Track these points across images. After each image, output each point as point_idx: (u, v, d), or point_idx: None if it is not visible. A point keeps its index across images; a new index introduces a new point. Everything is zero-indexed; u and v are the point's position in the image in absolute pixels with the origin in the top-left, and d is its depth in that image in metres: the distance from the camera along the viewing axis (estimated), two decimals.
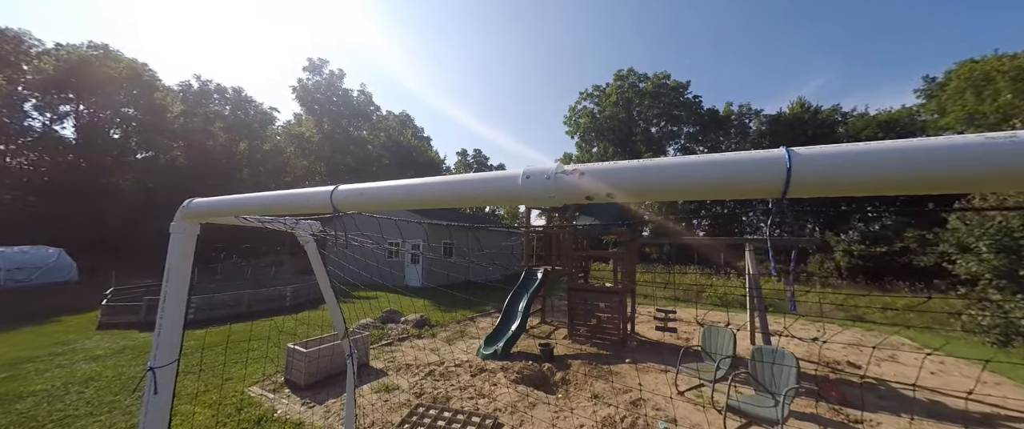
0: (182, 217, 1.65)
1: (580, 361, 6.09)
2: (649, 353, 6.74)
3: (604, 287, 7.59)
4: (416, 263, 16.30)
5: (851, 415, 4.45)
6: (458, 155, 53.26)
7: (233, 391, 4.84)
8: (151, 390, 1.56)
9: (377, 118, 35.09)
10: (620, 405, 4.50)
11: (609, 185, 0.76)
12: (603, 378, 5.45)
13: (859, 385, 5.39)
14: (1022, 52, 21.89)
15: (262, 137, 28.30)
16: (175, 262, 1.63)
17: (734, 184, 0.68)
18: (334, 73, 30.97)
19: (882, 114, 31.42)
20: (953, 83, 25.64)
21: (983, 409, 4.72)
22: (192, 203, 1.63)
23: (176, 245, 1.64)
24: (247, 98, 28.12)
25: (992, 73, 22.91)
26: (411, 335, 7.57)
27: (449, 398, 4.58)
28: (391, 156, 31.77)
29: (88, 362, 6.06)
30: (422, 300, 12.71)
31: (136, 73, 26.37)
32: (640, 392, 4.83)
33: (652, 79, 36.01)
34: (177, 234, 1.64)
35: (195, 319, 8.96)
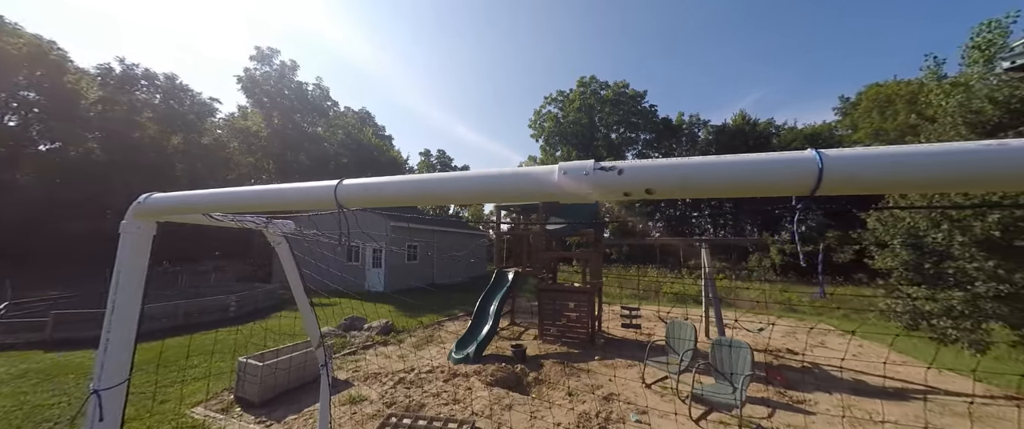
0: (136, 214, 1.44)
1: (552, 360, 6.17)
2: (616, 349, 7.00)
3: (573, 287, 7.78)
4: (378, 267, 15.61)
5: (794, 396, 4.94)
6: (421, 155, 51.99)
7: (172, 414, 4.30)
8: (95, 416, 1.34)
9: (334, 114, 33.15)
10: (593, 401, 4.62)
11: (648, 183, 0.78)
12: (575, 376, 5.57)
13: (799, 370, 6.00)
14: (915, 79, 25.79)
15: (200, 130, 25.58)
16: (126, 266, 1.41)
17: (768, 182, 0.72)
18: (286, 64, 28.82)
19: (808, 128, 35.44)
20: (863, 103, 29.67)
21: (895, 384, 5.46)
22: (150, 198, 1.43)
23: (127, 247, 1.43)
24: (182, 86, 25.29)
25: (892, 96, 26.87)
26: (376, 342, 7.23)
27: (422, 406, 4.43)
28: (350, 155, 30.16)
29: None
30: (386, 305, 12.20)
31: (40, 51, 22.69)
32: (611, 387, 5.00)
33: (612, 87, 37.72)
34: (129, 234, 1.43)
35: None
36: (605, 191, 0.82)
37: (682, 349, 5.21)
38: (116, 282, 1.40)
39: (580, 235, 7.99)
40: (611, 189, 0.81)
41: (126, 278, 1.41)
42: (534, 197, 0.90)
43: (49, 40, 23.84)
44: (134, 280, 1.43)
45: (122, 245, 1.42)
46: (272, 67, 28.48)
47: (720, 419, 4.24)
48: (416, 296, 14.37)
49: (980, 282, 3.83)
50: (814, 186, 0.69)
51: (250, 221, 1.88)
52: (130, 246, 1.43)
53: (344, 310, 11.79)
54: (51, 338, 7.47)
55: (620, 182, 0.80)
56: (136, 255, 1.44)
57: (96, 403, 1.34)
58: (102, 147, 21.66)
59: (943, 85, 23.51)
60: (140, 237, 1.45)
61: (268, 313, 10.78)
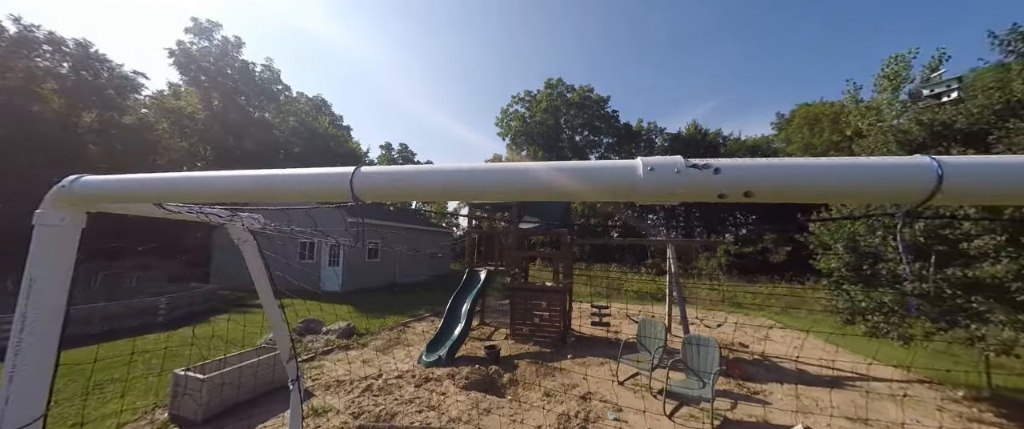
0: (58, 203, 1.11)
1: (526, 361, 6.11)
2: (587, 347, 7.11)
3: (545, 286, 7.79)
4: (335, 265, 14.63)
5: (751, 387, 5.30)
6: (382, 148, 49.76)
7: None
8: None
9: (286, 99, 30.50)
10: (571, 401, 4.61)
11: (748, 184, 0.70)
12: (550, 376, 5.56)
13: (751, 362, 6.48)
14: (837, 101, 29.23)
15: (121, 108, 22.28)
16: (43, 270, 1.09)
17: (881, 189, 0.67)
18: (229, 40, 25.97)
19: (750, 140, 38.92)
20: (795, 120, 33.16)
21: (832, 373, 6.07)
22: (80, 182, 1.11)
23: (45, 244, 1.10)
24: (98, 56, 21.82)
25: (819, 115, 30.32)
26: (337, 347, 6.71)
27: (394, 415, 4.14)
28: (303, 143, 27.92)
29: None
30: (345, 306, 11.45)
31: None
32: (586, 386, 5.04)
33: (578, 91, 38.65)
34: (47, 227, 1.10)
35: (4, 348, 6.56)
36: (696, 192, 0.72)
37: (653, 347, 5.38)
38: (28, 289, 1.06)
39: (554, 234, 8.00)
40: (703, 190, 0.72)
41: (43, 285, 1.08)
42: (612, 196, 0.78)
43: None
44: (53, 287, 1.10)
45: (37, 242, 1.09)
46: (212, 42, 25.58)
47: (690, 413, 4.43)
48: (377, 296, 13.66)
49: (908, 282, 4.37)
50: (929, 196, 0.64)
51: (214, 214, 1.57)
52: (49, 243, 1.10)
53: (298, 312, 10.87)
54: None
55: (715, 182, 0.71)
56: (57, 255, 1.11)
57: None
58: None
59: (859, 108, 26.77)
60: (63, 232, 1.12)
61: (205, 316, 9.64)
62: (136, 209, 1.34)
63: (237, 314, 10.17)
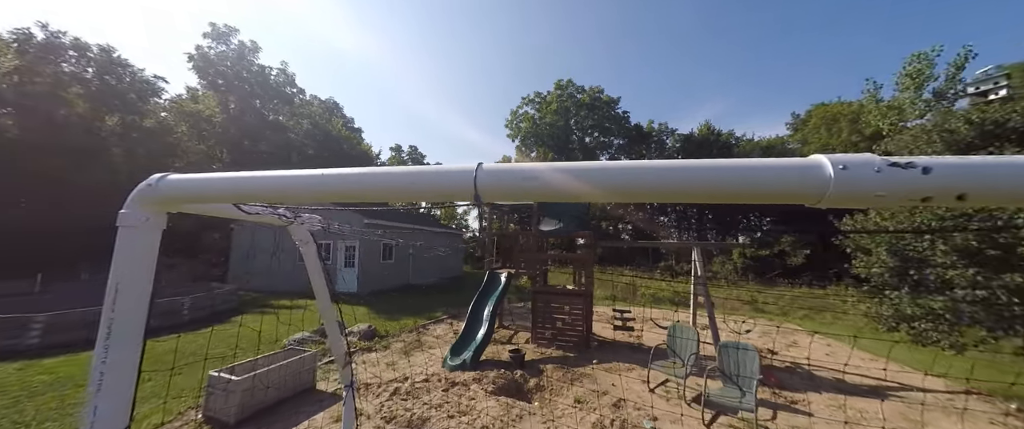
0: (143, 202, 1.05)
1: (552, 365, 6.00)
2: (611, 352, 6.96)
3: (567, 289, 7.66)
4: (351, 266, 14.70)
5: (789, 396, 5.10)
6: (392, 150, 50.13)
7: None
8: None
9: (300, 102, 30.96)
10: (603, 408, 4.49)
11: (965, 186, 0.60)
12: (578, 381, 5.43)
13: (784, 370, 6.26)
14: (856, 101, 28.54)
15: (142, 111, 22.84)
16: (129, 273, 1.03)
17: None
18: (245, 44, 26.47)
19: (763, 140, 38.23)
20: (812, 121, 32.44)
21: (870, 382, 5.83)
22: (165, 181, 1.06)
23: (130, 246, 1.04)
24: (121, 61, 22.43)
25: (837, 115, 29.61)
26: (360, 349, 6.69)
27: (425, 420, 4.07)
28: (316, 145, 28.25)
29: None
30: (362, 307, 11.45)
31: None
32: (618, 393, 4.90)
33: (588, 92, 38.46)
34: (131, 228, 1.04)
35: (43, 344, 6.71)
36: (897, 195, 0.62)
37: (685, 352, 5.22)
38: (114, 294, 1.01)
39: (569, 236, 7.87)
40: (907, 193, 0.62)
41: (129, 289, 1.02)
42: (788, 197, 0.67)
43: None
44: (137, 290, 1.05)
45: (122, 243, 1.04)
46: (229, 47, 26.09)
47: (729, 423, 4.27)
48: (392, 297, 13.68)
49: (959, 288, 4.15)
50: None
51: (281, 214, 1.52)
52: (133, 244, 1.05)
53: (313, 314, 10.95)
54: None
55: (922, 184, 0.61)
56: (141, 257, 1.06)
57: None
58: (18, 124, 18.71)
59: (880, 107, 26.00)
60: (146, 233, 1.07)
61: (227, 317, 9.73)
62: (212, 209, 1.28)
63: (257, 315, 10.26)
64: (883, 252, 4.99)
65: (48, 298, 9.81)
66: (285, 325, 8.93)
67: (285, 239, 15.64)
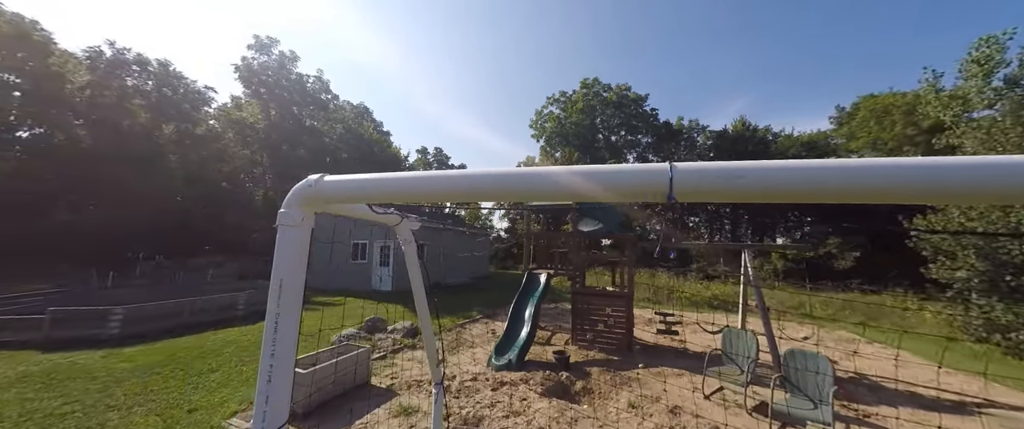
0: (302, 202, 1.10)
1: (597, 368, 5.90)
2: (655, 357, 6.76)
3: (608, 291, 7.52)
4: (386, 265, 15.13)
5: (862, 410, 4.75)
6: (418, 152, 51.26)
7: (206, 425, 3.88)
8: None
9: (334, 107, 32.34)
10: (658, 414, 4.36)
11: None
12: (626, 385, 5.31)
13: (849, 381, 5.85)
14: (911, 91, 26.39)
15: (194, 120, 24.61)
16: (288, 270, 1.08)
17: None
18: (285, 54, 27.95)
19: (804, 136, 36.06)
20: (861, 113, 30.24)
21: (950, 396, 5.34)
22: (324, 181, 1.10)
23: (289, 244, 1.09)
24: (176, 73, 24.29)
25: (889, 107, 27.44)
26: (405, 346, 6.85)
27: (480, 419, 4.10)
28: (350, 149, 29.38)
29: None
30: (397, 305, 11.74)
31: (22, 31, 21.51)
32: (671, 399, 4.75)
33: (615, 90, 37.74)
34: (290, 227, 1.09)
35: (121, 335, 7.31)
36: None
37: (743, 360, 4.99)
38: (279, 291, 1.06)
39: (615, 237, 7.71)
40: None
41: (290, 284, 1.07)
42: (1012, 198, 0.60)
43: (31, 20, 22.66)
44: (296, 287, 1.09)
45: (282, 242, 1.09)
46: (271, 57, 27.61)
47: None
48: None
49: None
50: None
51: (392, 214, 1.56)
52: (293, 243, 1.10)
53: (351, 309, 11.33)
54: (48, 337, 6.90)
55: None
56: (299, 255, 1.11)
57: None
58: (90, 134, 20.63)
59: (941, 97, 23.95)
60: (302, 231, 1.12)
61: None
62: (345, 209, 1.33)
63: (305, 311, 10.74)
64: (971, 255, 4.54)
65: (121, 292, 10.71)
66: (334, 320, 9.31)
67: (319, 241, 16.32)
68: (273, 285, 1.06)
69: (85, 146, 20.24)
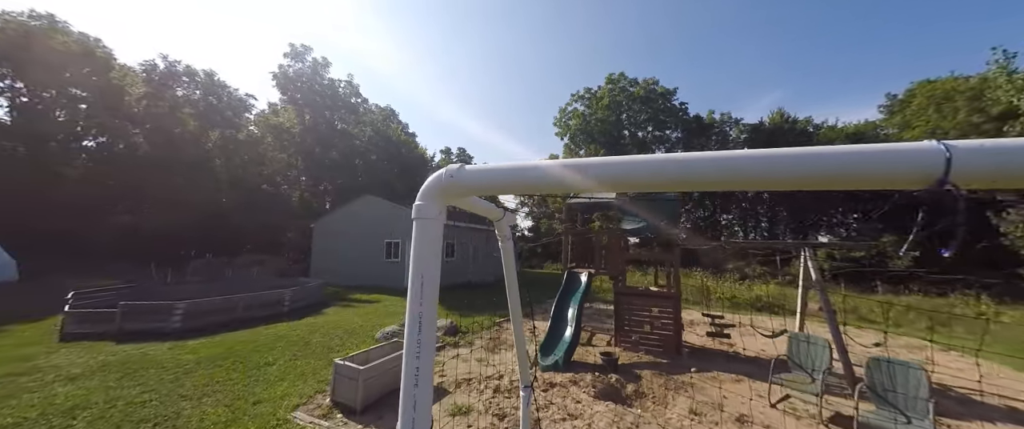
0: (438, 195, 1.03)
1: (648, 372, 5.67)
2: (706, 360, 6.44)
3: (654, 291, 7.25)
4: None
5: (953, 424, 4.30)
6: (442, 153, 52.00)
7: (272, 417, 4.01)
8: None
9: (363, 110, 33.36)
10: (725, 423, 4.10)
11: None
12: (681, 390, 5.06)
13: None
14: (976, 75, 24.06)
15: (237, 126, 26.06)
16: (427, 264, 1.01)
17: None
18: (318, 61, 29.08)
19: (849, 127, 33.67)
20: (917, 100, 27.84)
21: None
22: (462, 171, 1.02)
23: (427, 237, 1.03)
24: (220, 83, 25.81)
25: (951, 92, 25.09)
26: (447, 344, 6.88)
27: (537, 420, 4.01)
28: (378, 151, 30.21)
29: (64, 384, 4.94)
30: None
31: (87, 49, 23.52)
32: (735, 406, 4.47)
33: (642, 85, 36.73)
34: (427, 220, 1.03)
35: (182, 328, 7.77)
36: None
37: (814, 367, 4.63)
38: (420, 287, 0.99)
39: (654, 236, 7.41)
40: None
41: (429, 282, 1.01)
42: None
43: (95, 38, 24.69)
44: (434, 284, 1.03)
45: (420, 235, 1.02)
46: (305, 64, 28.78)
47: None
48: (455, 294, 14.06)
49: None
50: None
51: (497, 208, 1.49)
52: (430, 236, 1.03)
53: (388, 307, 11.57)
54: (120, 330, 7.43)
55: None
56: (435, 248, 1.04)
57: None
58: (147, 141, 22.25)
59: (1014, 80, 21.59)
60: (439, 223, 1.05)
61: (319, 309, 10.64)
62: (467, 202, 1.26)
63: (340, 308, 11.10)
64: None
65: (180, 288, 11.43)
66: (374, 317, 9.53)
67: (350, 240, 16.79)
68: (414, 283, 1.00)
69: (141, 153, 21.86)
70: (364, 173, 29.01)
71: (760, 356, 6.58)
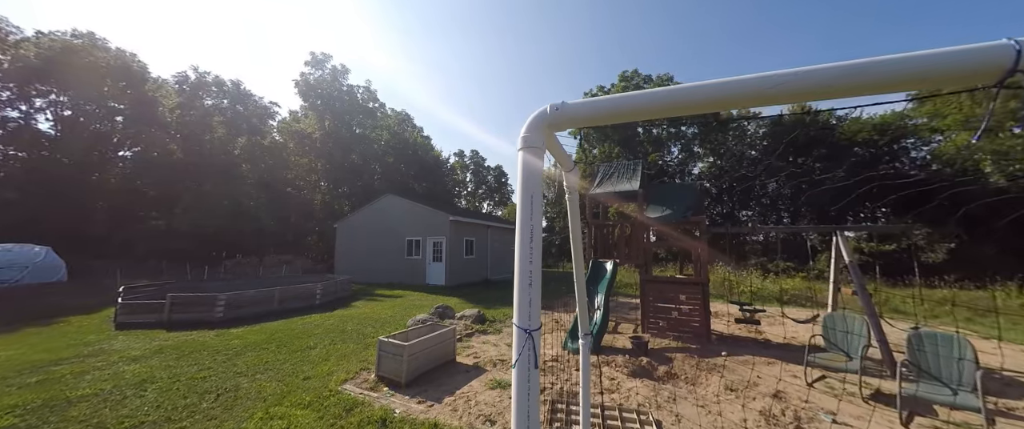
0: (543, 126, 1.20)
1: (679, 355, 5.72)
2: (737, 347, 6.43)
3: (681, 278, 7.27)
4: (439, 261, 15.68)
5: (1003, 404, 4.22)
6: (455, 156, 52.65)
7: (324, 390, 4.26)
8: (529, 354, 1.11)
9: (380, 115, 34.19)
10: (762, 397, 4.14)
11: None
12: (713, 372, 5.09)
13: None
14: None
15: (262, 132, 27.10)
16: (534, 191, 1.17)
17: None
18: (337, 68, 30.01)
19: (873, 118, 32.55)
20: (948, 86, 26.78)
21: None
22: (564, 106, 1.19)
23: (532, 165, 1.19)
24: (246, 91, 26.91)
25: None
26: (476, 331, 7.07)
27: (574, 394, 4.13)
28: (396, 154, 30.88)
29: (128, 363, 5.34)
30: (453, 298, 12.12)
31: (124, 64, 24.90)
32: (771, 385, 4.49)
33: (656, 81, 36.42)
34: (534, 149, 1.20)
35: (224, 318, 8.21)
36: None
37: (852, 346, 4.61)
38: (529, 205, 1.16)
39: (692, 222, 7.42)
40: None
41: (537, 198, 1.17)
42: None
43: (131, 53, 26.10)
44: (539, 199, 1.19)
45: (527, 164, 1.19)
46: (325, 71, 29.71)
47: (932, 424, 3.65)
48: (476, 290, 14.29)
49: None
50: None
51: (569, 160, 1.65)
52: (534, 165, 1.19)
53: (411, 302, 11.86)
54: (169, 319, 7.90)
55: None
56: (539, 170, 1.21)
57: (529, 342, 1.11)
58: (180, 149, 23.37)
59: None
60: (541, 153, 1.22)
61: (348, 302, 11.01)
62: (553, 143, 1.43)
63: (368, 301, 11.45)
64: None
65: (215, 284, 12.01)
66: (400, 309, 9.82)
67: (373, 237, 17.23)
68: (524, 202, 1.17)
69: (175, 159, 22.97)
70: (382, 175, 29.68)
71: (791, 343, 6.52)
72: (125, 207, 22.26)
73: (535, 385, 1.10)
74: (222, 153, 24.36)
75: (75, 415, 3.74)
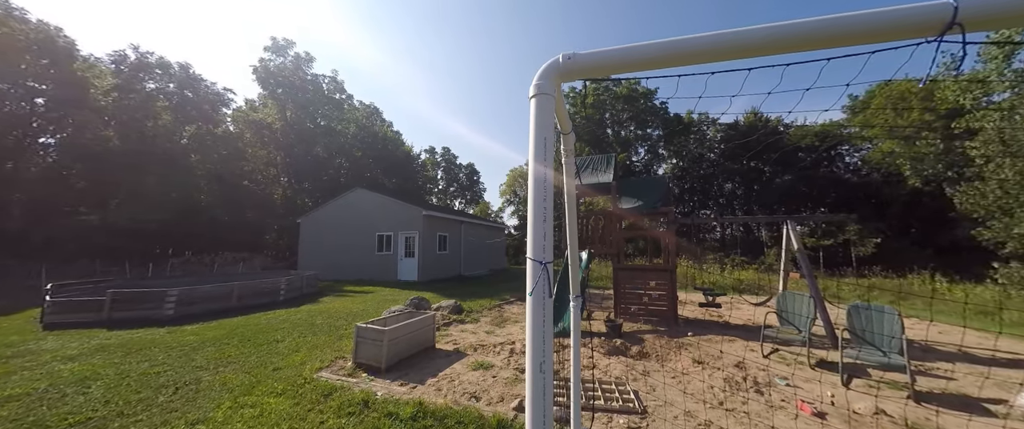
0: (556, 74, 1.26)
1: (650, 336, 6.03)
2: (701, 328, 6.87)
3: (651, 265, 7.64)
4: (411, 256, 15.34)
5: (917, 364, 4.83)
6: (426, 152, 51.57)
7: (297, 378, 4.07)
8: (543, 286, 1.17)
9: (348, 107, 32.74)
10: (726, 368, 4.48)
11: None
12: (682, 349, 5.43)
13: None
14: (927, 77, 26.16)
15: (214, 121, 25.04)
16: (545, 129, 1.24)
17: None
18: (301, 56, 28.35)
19: (815, 126, 35.88)
20: (876, 101, 30.06)
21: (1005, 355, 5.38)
22: (575, 56, 1.26)
23: (545, 111, 1.25)
24: (196, 76, 24.73)
25: (906, 93, 27.27)
26: (454, 320, 7.03)
27: (556, 372, 4.25)
28: (364, 148, 29.72)
29: (64, 362, 4.80)
30: (426, 293, 11.93)
31: (47, 37, 22.08)
32: (734, 358, 4.86)
33: (625, 84, 37.74)
34: (546, 95, 1.26)
35: (176, 315, 7.57)
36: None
37: (800, 321, 5.10)
38: (543, 148, 1.22)
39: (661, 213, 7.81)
40: None
41: (549, 141, 1.23)
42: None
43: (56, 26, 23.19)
44: (551, 142, 1.25)
45: (540, 110, 1.24)
46: (287, 58, 28.02)
47: (867, 384, 4.13)
48: (449, 285, 14.13)
49: None
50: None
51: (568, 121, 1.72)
52: (547, 111, 1.25)
53: (384, 297, 11.53)
54: (110, 318, 7.17)
55: None
56: (551, 118, 1.27)
57: (544, 273, 1.17)
58: (117, 135, 21.12)
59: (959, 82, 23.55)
60: (553, 99, 1.28)
61: (315, 298, 10.50)
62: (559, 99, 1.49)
63: (336, 297, 10.98)
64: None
65: (160, 282, 10.99)
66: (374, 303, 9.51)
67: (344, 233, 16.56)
68: (537, 145, 1.22)
69: (112, 147, 20.73)
70: (349, 170, 28.50)
71: (749, 324, 7.08)
72: (48, 199, 19.73)
73: (549, 313, 1.16)
74: (167, 142, 22.26)
75: (5, 415, 3.32)
